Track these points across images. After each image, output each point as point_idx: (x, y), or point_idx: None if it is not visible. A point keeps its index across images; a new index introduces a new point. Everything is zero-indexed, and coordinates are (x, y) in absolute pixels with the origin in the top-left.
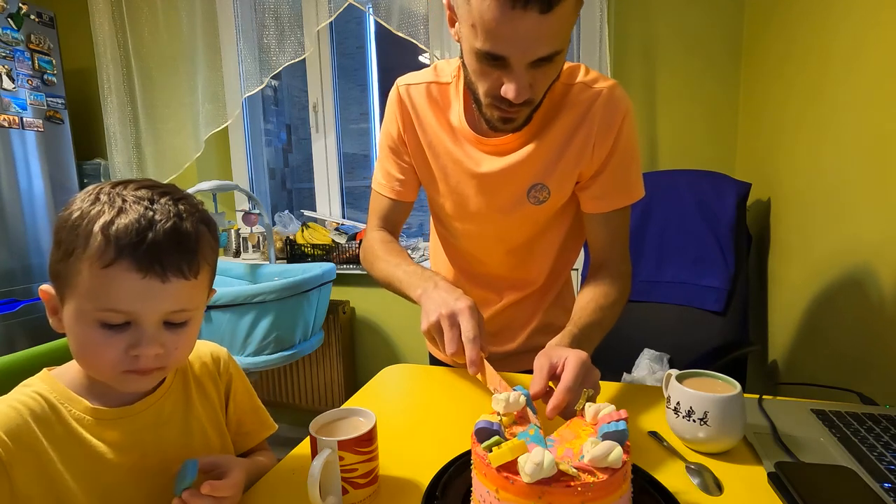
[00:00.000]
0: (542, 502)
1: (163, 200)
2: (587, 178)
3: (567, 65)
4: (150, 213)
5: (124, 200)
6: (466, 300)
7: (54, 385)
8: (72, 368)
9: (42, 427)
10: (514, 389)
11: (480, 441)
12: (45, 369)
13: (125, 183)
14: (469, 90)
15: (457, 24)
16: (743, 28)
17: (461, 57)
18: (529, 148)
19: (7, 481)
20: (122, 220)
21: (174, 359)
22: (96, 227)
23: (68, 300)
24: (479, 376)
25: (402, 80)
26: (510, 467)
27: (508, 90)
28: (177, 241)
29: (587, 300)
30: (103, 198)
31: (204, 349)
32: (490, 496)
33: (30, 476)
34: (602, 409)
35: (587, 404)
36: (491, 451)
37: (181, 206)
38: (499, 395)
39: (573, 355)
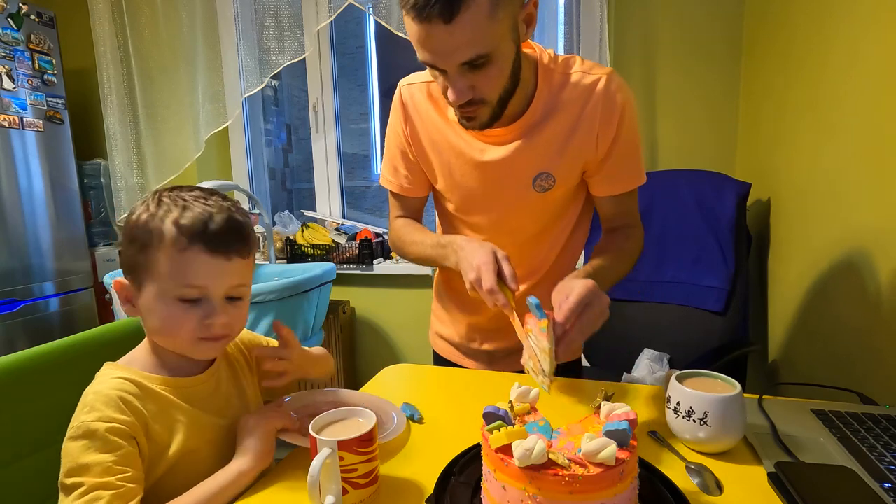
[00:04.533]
0: (531, 487)
1: (214, 198)
2: (594, 166)
3: (561, 56)
4: (209, 208)
5: (185, 200)
6: (482, 254)
7: (128, 370)
8: (137, 356)
9: (138, 400)
10: (528, 300)
11: (487, 424)
12: (106, 363)
13: (179, 188)
14: None
15: None
16: (743, 28)
17: None
18: (532, 137)
19: (136, 445)
20: (188, 214)
21: (236, 330)
22: (168, 222)
23: (147, 285)
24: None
25: (403, 81)
26: (508, 451)
27: (449, 93)
28: (235, 228)
29: (603, 247)
30: (166, 200)
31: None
32: (490, 475)
33: (144, 437)
34: (616, 408)
35: (602, 403)
36: (493, 433)
37: (229, 203)
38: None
39: (581, 283)
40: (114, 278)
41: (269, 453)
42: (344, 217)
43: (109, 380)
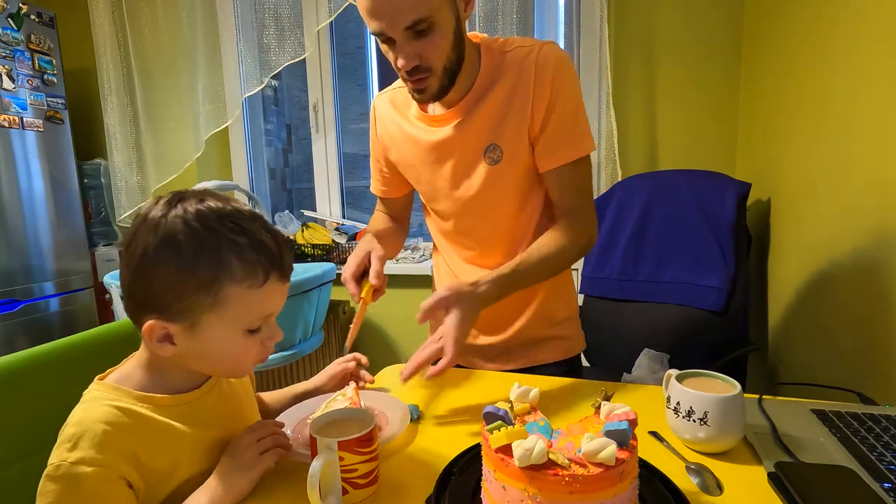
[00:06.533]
0: (531, 487)
1: (247, 211)
2: (535, 136)
3: (504, 38)
4: (264, 231)
5: (236, 224)
6: (355, 253)
7: (119, 392)
8: (130, 372)
9: (129, 432)
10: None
11: (487, 424)
12: (96, 380)
13: (182, 197)
14: None
15: None
16: (743, 29)
17: None
18: (475, 111)
19: (125, 483)
20: (255, 245)
21: None
22: (236, 256)
23: (206, 322)
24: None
25: (376, 96)
26: (508, 451)
27: (398, 60)
28: (287, 247)
29: (535, 245)
30: (205, 224)
31: None
32: (490, 475)
33: (136, 472)
34: (616, 408)
35: (602, 403)
36: (492, 433)
37: (259, 215)
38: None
39: (453, 319)
40: (147, 324)
41: (246, 490)
42: (344, 217)
43: (98, 407)
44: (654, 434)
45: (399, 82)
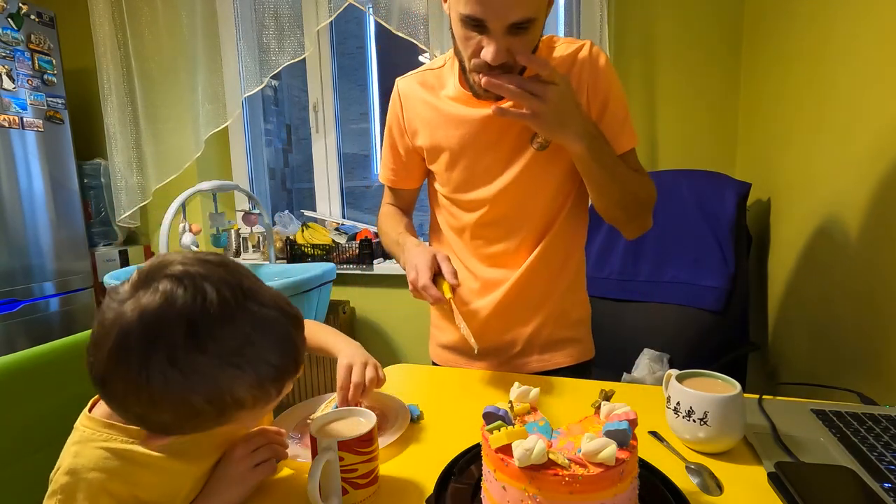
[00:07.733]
0: (531, 487)
1: (258, 297)
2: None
3: (545, 36)
4: (280, 327)
5: (237, 349)
6: (422, 257)
7: (110, 433)
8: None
9: (123, 476)
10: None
11: (487, 424)
12: (84, 414)
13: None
14: (458, 60)
15: None
16: (743, 28)
17: (451, 29)
18: None
19: None
20: (265, 371)
21: None
22: (244, 389)
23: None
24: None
25: (399, 78)
26: (508, 451)
27: (487, 52)
28: (301, 330)
29: None
30: (196, 361)
31: None
32: (490, 475)
33: None
34: (616, 408)
35: (602, 403)
36: (493, 433)
37: (276, 296)
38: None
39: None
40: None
41: (238, 501)
42: (344, 217)
43: (89, 451)
44: (654, 434)
45: (422, 67)
